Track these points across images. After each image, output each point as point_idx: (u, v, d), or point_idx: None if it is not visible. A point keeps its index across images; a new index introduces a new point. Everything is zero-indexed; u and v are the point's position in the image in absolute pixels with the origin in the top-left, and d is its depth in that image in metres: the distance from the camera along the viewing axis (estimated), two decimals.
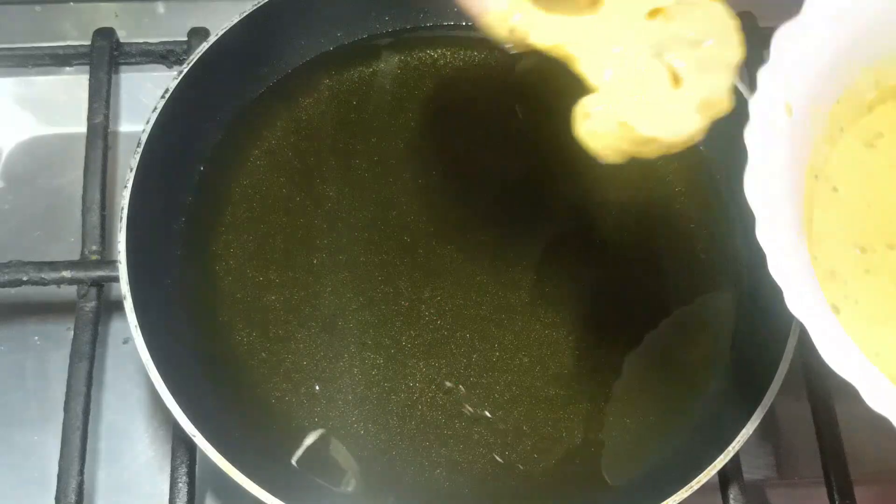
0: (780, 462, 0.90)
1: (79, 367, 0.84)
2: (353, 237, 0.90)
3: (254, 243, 0.89)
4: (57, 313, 0.92)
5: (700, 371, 0.85)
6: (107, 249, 0.90)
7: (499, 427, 0.82)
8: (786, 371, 0.77)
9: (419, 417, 0.82)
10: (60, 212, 0.97)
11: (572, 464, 0.81)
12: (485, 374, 0.84)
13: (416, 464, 0.81)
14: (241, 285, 0.87)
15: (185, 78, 0.87)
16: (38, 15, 1.06)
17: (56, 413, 0.83)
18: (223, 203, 0.91)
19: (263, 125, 0.95)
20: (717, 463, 0.74)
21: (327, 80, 0.98)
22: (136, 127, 0.99)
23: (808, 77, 0.69)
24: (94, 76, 0.98)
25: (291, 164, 0.94)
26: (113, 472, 0.87)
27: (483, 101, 0.98)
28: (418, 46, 1.00)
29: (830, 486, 0.83)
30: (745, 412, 0.76)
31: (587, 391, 0.84)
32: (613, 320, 0.87)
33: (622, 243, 0.90)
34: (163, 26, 1.06)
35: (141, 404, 0.90)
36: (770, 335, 0.80)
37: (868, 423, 0.92)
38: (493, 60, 1.00)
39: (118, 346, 0.92)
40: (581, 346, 0.86)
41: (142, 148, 0.83)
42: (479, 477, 0.80)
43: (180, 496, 0.80)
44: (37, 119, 1.04)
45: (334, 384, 0.83)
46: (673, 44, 0.64)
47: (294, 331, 0.85)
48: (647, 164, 0.94)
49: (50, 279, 0.86)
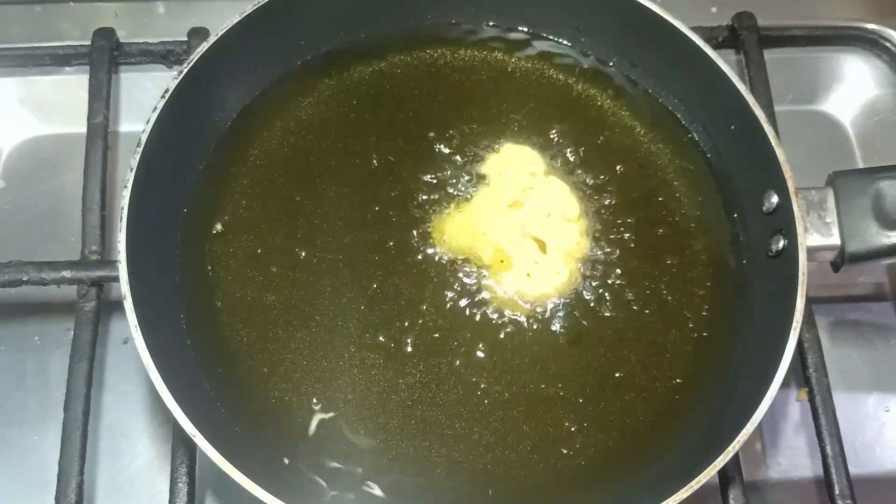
0: (780, 462, 0.90)
1: (79, 367, 0.84)
2: (353, 237, 0.90)
3: (254, 243, 0.89)
4: (57, 313, 0.92)
5: (700, 371, 0.85)
6: (107, 249, 0.90)
7: (499, 427, 0.82)
8: (785, 372, 0.76)
9: (419, 417, 0.82)
10: (60, 212, 0.98)
11: (572, 464, 0.81)
12: (485, 373, 0.84)
13: (416, 464, 0.81)
14: (240, 285, 0.87)
15: (185, 78, 0.87)
16: (38, 15, 1.06)
17: (56, 413, 0.83)
18: (223, 203, 0.91)
19: (263, 125, 0.95)
20: (717, 463, 0.74)
21: (327, 80, 0.98)
22: (136, 127, 0.99)
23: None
24: (94, 76, 0.98)
25: (291, 164, 0.93)
26: (113, 472, 0.87)
27: (481, 99, 0.98)
28: (418, 46, 1.00)
29: (830, 486, 0.83)
30: (745, 412, 0.76)
31: (587, 391, 0.84)
32: (613, 320, 0.87)
33: (623, 243, 0.90)
34: (163, 26, 1.06)
35: (141, 404, 0.90)
36: (770, 335, 0.80)
37: (868, 422, 0.93)
38: (493, 60, 1.00)
39: (118, 346, 0.92)
40: (581, 347, 0.86)
41: (142, 148, 0.83)
42: (479, 477, 0.80)
43: (180, 496, 0.80)
44: (37, 119, 1.04)
45: (334, 384, 0.83)
46: (531, 221, 0.89)
47: (294, 331, 0.85)
48: (648, 164, 0.95)
49: (50, 279, 0.86)
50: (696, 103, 0.95)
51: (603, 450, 0.82)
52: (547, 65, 1.00)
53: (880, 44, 1.09)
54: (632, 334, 0.86)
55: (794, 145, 0.97)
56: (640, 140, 0.96)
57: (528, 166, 0.92)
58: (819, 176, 0.87)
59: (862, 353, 0.96)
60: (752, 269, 0.89)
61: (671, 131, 0.96)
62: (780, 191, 0.85)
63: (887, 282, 1.00)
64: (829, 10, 1.10)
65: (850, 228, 0.83)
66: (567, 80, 0.99)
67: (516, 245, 0.88)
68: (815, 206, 0.84)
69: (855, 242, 0.83)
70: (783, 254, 0.84)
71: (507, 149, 0.94)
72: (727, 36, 1.05)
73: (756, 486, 0.88)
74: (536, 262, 0.87)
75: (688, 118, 0.96)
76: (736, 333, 0.86)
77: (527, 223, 0.89)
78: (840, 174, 0.86)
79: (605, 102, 0.98)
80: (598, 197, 0.92)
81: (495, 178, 0.92)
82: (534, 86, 0.98)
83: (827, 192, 0.85)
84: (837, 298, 0.99)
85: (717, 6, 1.09)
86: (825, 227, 0.84)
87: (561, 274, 0.87)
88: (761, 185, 0.87)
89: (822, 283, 0.95)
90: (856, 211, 0.83)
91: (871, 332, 0.97)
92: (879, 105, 1.09)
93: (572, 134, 0.95)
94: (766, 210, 0.86)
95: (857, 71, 1.10)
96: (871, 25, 1.09)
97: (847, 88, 1.10)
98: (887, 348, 0.96)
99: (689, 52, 0.91)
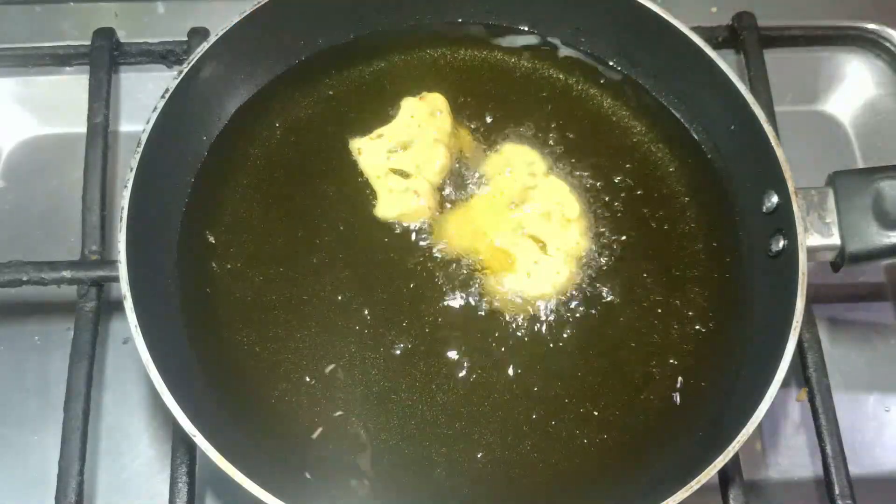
0: (780, 462, 0.90)
1: (79, 367, 0.84)
2: (353, 236, 0.90)
3: (253, 243, 0.89)
4: (57, 313, 0.92)
5: (700, 371, 0.85)
6: (107, 249, 0.90)
7: (499, 427, 0.82)
8: (785, 372, 0.76)
9: (419, 417, 0.82)
10: (60, 212, 0.97)
11: (572, 464, 0.81)
12: (485, 373, 0.84)
13: (416, 463, 0.81)
14: (240, 285, 0.87)
15: (185, 78, 0.87)
16: (38, 15, 1.06)
17: (56, 413, 0.83)
18: (223, 203, 0.91)
19: (263, 125, 0.95)
20: (717, 463, 0.74)
21: (327, 80, 0.98)
22: (136, 127, 0.99)
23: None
24: (94, 76, 0.98)
25: (291, 163, 0.93)
26: (113, 472, 0.87)
27: (481, 99, 0.98)
28: (418, 46, 1.00)
29: (830, 486, 0.83)
30: (745, 412, 0.76)
31: (587, 391, 0.84)
32: (613, 320, 0.87)
33: (623, 243, 0.90)
34: (163, 26, 1.06)
35: (141, 404, 0.90)
36: (770, 335, 0.80)
37: (868, 422, 0.93)
38: (494, 60, 1.00)
39: (118, 346, 0.92)
40: (581, 346, 0.86)
41: (142, 148, 0.83)
42: (479, 477, 0.80)
43: (180, 496, 0.80)
44: (37, 119, 1.04)
45: (334, 384, 0.83)
46: (531, 221, 0.89)
47: (294, 331, 0.85)
48: (648, 164, 0.95)
49: (50, 279, 0.86)
50: (696, 103, 0.95)
51: (603, 450, 0.82)
52: (547, 64, 1.00)
53: (880, 44, 1.09)
54: (632, 334, 0.86)
55: (794, 145, 0.97)
56: (640, 140, 0.96)
57: (529, 166, 0.92)
58: (819, 176, 0.87)
59: (862, 353, 0.96)
60: (752, 269, 0.88)
61: (671, 131, 0.96)
62: (780, 191, 0.85)
63: (887, 282, 1.00)
64: (829, 10, 1.10)
65: (850, 228, 0.83)
66: (567, 79, 0.99)
67: (516, 245, 0.88)
68: (815, 206, 0.84)
69: (855, 242, 0.83)
70: (783, 254, 0.84)
71: (508, 149, 0.94)
72: (727, 36, 1.05)
73: (756, 486, 0.88)
74: (536, 262, 0.87)
75: (688, 118, 0.96)
76: (736, 333, 0.86)
77: (527, 223, 0.89)
78: (840, 174, 0.86)
79: (606, 102, 0.98)
80: (597, 197, 0.92)
81: (495, 177, 0.92)
82: (534, 86, 0.98)
83: (827, 192, 0.85)
84: (837, 298, 0.99)
85: (717, 6, 1.09)
86: (825, 227, 0.84)
87: (561, 274, 0.87)
88: (761, 185, 0.87)
89: (822, 283, 0.95)
90: (856, 211, 0.83)
91: (871, 332, 0.97)
92: (879, 105, 1.09)
93: (572, 134, 0.95)
94: (766, 210, 0.86)
95: (857, 71, 1.10)
96: (871, 25, 1.09)
97: (847, 88, 1.09)
98: (887, 348, 0.96)
99: (689, 52, 0.91)
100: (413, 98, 0.95)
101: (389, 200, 0.90)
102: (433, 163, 0.91)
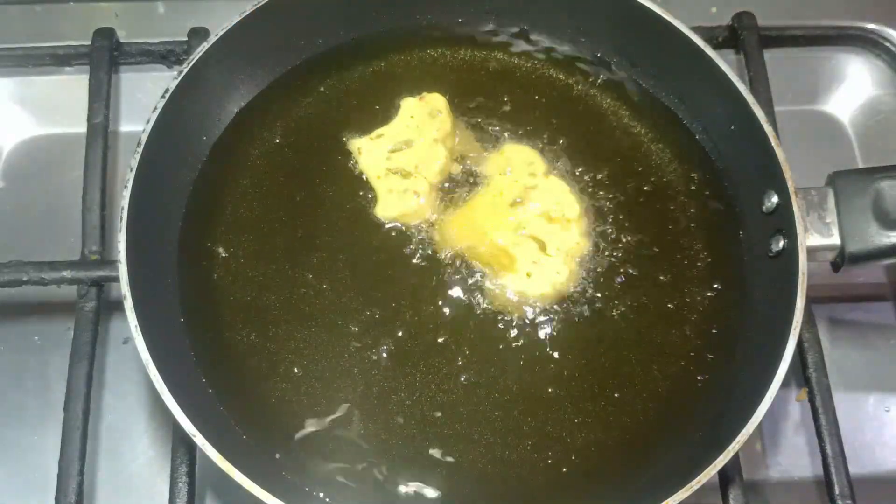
0: (780, 462, 0.90)
1: (79, 367, 0.84)
2: (353, 236, 0.90)
3: (254, 243, 0.89)
4: (57, 313, 0.92)
5: (700, 371, 0.85)
6: (107, 249, 0.90)
7: (499, 427, 0.82)
8: (785, 372, 0.76)
9: (419, 417, 0.82)
10: (60, 212, 0.97)
11: (572, 463, 0.81)
12: (486, 373, 0.84)
13: (416, 464, 0.81)
14: (240, 285, 0.87)
15: (185, 78, 0.87)
16: (38, 15, 1.06)
17: (56, 413, 0.83)
18: (223, 203, 0.91)
19: (263, 125, 0.95)
20: (717, 463, 0.74)
21: (327, 80, 0.98)
22: (136, 127, 0.99)
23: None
24: (94, 76, 0.98)
25: (291, 163, 0.93)
26: (113, 472, 0.87)
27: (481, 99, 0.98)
28: (418, 46, 1.00)
29: (830, 486, 0.83)
30: (745, 412, 0.76)
31: (587, 391, 0.84)
32: (613, 320, 0.87)
33: (623, 243, 0.90)
34: (163, 26, 1.06)
35: (141, 404, 0.90)
36: (770, 335, 0.80)
37: (868, 422, 0.93)
38: (493, 60, 1.00)
39: (118, 346, 0.92)
40: (581, 347, 0.86)
41: (142, 148, 0.83)
42: (479, 477, 0.80)
43: (180, 496, 0.80)
44: (36, 119, 1.04)
45: (334, 384, 0.83)
46: (531, 221, 0.89)
47: (294, 331, 0.85)
48: (648, 164, 0.95)
49: (50, 279, 0.86)
50: (696, 103, 0.95)
51: (603, 450, 0.82)
52: (547, 64, 1.00)
53: (880, 44, 1.09)
54: (632, 334, 0.86)
55: (794, 145, 0.97)
56: (640, 140, 0.96)
57: (529, 166, 0.92)
58: (819, 176, 0.87)
59: (862, 353, 0.96)
60: (752, 269, 0.88)
61: (671, 131, 0.96)
62: (780, 191, 0.85)
63: (887, 282, 1.00)
64: (829, 10, 1.10)
65: (850, 228, 0.83)
66: (567, 79, 0.99)
67: (516, 245, 0.88)
68: (815, 206, 0.84)
69: (855, 242, 0.83)
70: (783, 254, 0.84)
71: (508, 148, 0.94)
72: (727, 36, 1.05)
73: (756, 486, 0.88)
74: (536, 262, 0.87)
75: (688, 118, 0.96)
76: (736, 333, 0.86)
77: (527, 223, 0.89)
78: (840, 174, 0.86)
79: (605, 102, 0.98)
80: (598, 197, 0.92)
81: (496, 177, 0.92)
82: (534, 86, 0.98)
83: (827, 192, 0.85)
84: (837, 298, 0.99)
85: (717, 6, 1.09)
86: (825, 227, 0.84)
87: (561, 274, 0.87)
88: (761, 184, 0.87)
89: (822, 283, 0.95)
90: (856, 211, 0.83)
91: (871, 332, 0.97)
92: (879, 105, 1.09)
93: (572, 134, 0.95)
94: (766, 210, 0.86)
95: (857, 71, 1.10)
96: (871, 25, 1.09)
97: (847, 88, 1.10)
98: (887, 348, 0.96)
99: (689, 52, 0.91)
100: (413, 98, 0.95)
101: (389, 200, 0.90)
102: (433, 163, 0.91)
